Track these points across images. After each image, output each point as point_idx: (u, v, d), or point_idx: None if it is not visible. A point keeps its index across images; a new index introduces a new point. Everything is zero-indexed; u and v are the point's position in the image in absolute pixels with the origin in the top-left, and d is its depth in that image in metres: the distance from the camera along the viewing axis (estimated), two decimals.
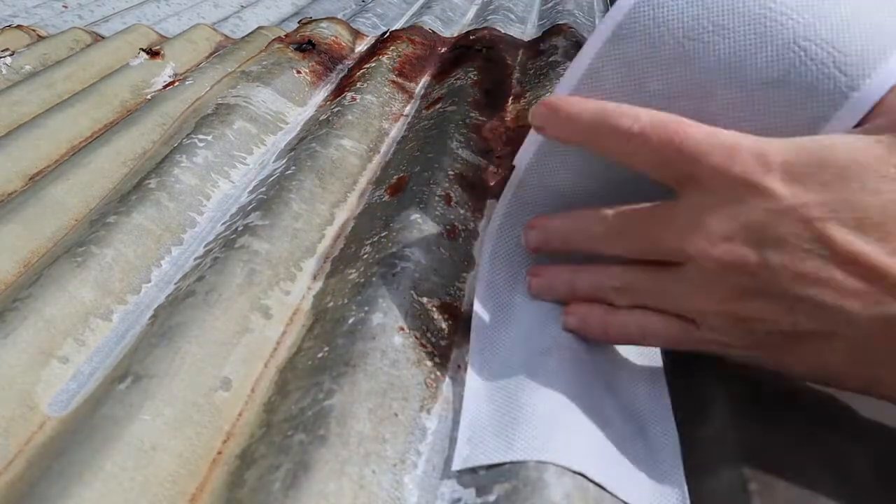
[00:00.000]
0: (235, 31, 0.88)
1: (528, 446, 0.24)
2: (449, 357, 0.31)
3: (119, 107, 0.59)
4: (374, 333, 0.30)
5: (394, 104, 0.56)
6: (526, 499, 0.22)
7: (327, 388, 0.27)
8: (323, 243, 0.40)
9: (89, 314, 0.34)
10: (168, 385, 0.28)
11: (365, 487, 0.24)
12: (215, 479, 0.26)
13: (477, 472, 0.24)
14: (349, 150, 0.48)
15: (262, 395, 0.30)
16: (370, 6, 0.95)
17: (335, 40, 0.67)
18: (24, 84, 0.61)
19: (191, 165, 0.45)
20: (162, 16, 0.97)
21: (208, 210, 0.43)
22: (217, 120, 0.50)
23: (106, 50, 0.70)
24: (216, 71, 0.61)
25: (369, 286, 0.33)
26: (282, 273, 0.36)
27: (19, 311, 0.33)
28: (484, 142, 0.47)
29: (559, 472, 0.23)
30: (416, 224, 0.37)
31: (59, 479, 0.25)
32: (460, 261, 0.36)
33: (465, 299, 0.34)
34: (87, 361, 0.32)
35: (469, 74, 0.56)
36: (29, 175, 0.49)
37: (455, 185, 0.41)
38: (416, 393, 0.28)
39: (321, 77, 0.61)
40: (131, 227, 0.39)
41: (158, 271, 0.38)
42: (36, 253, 0.40)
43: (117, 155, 0.49)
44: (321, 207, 0.42)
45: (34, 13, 0.96)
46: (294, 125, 0.54)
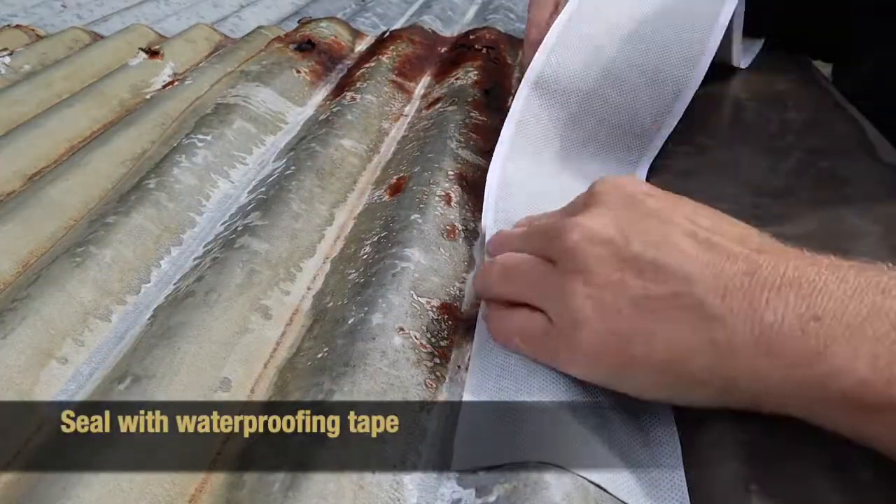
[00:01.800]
0: (235, 31, 0.88)
1: (528, 447, 0.24)
2: (449, 357, 0.31)
3: (118, 106, 0.59)
4: (374, 334, 0.30)
5: (394, 104, 0.56)
6: (526, 499, 0.22)
7: (327, 388, 0.27)
8: (323, 243, 0.40)
9: (88, 314, 0.34)
10: (167, 385, 0.28)
11: (365, 488, 0.24)
12: (215, 480, 0.26)
13: (477, 473, 0.24)
14: (349, 150, 0.48)
15: (261, 396, 0.30)
16: (370, 6, 0.95)
17: (335, 40, 0.67)
18: (23, 84, 0.61)
19: (190, 165, 0.45)
20: (161, 15, 0.97)
21: (208, 210, 0.43)
22: (216, 120, 0.50)
23: (105, 49, 0.70)
24: (215, 71, 0.61)
25: (369, 286, 0.33)
26: (281, 273, 0.36)
27: (18, 311, 0.33)
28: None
29: (559, 472, 0.23)
30: (416, 224, 0.37)
31: (59, 480, 0.24)
32: (460, 261, 0.36)
33: (465, 299, 0.34)
34: (86, 362, 0.32)
35: (469, 74, 0.56)
36: (28, 175, 0.49)
37: (455, 185, 0.41)
38: (415, 393, 0.28)
39: (321, 77, 0.61)
40: (130, 227, 0.39)
41: (158, 271, 0.38)
42: (35, 253, 0.40)
43: (116, 155, 0.49)
44: (321, 207, 0.42)
45: (33, 12, 0.96)
46: (294, 125, 0.54)
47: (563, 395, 0.26)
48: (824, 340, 0.20)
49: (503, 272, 0.30)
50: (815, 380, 0.20)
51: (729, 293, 0.22)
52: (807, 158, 0.39)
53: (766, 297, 0.21)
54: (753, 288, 0.22)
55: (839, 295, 0.21)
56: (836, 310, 0.20)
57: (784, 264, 0.22)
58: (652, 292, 0.23)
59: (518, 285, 0.29)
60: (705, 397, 0.24)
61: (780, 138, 0.43)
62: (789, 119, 0.46)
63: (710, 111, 0.47)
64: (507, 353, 0.29)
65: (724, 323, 0.22)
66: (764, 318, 0.21)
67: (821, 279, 0.21)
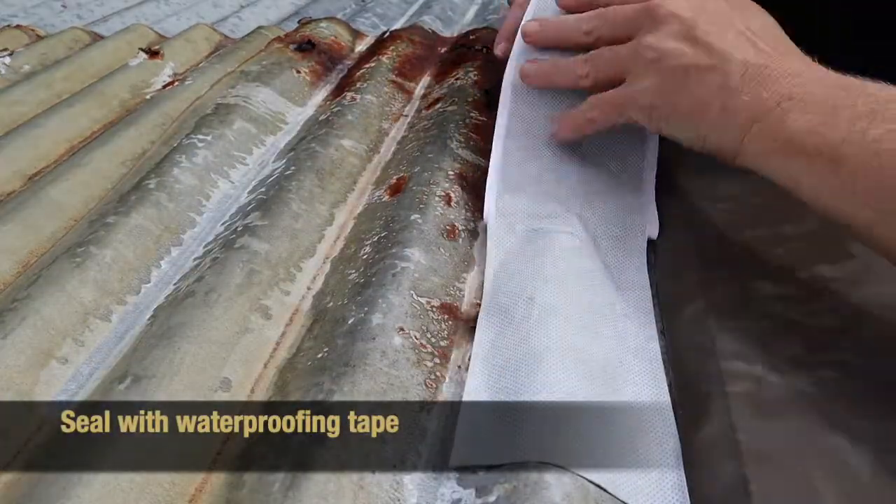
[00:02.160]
0: (235, 31, 0.88)
1: (528, 447, 0.24)
2: (449, 357, 0.31)
3: (118, 107, 0.59)
4: (374, 334, 0.30)
5: (394, 104, 0.56)
6: (526, 499, 0.22)
7: (327, 388, 0.27)
8: (323, 244, 0.40)
9: (88, 314, 0.34)
10: (167, 385, 0.28)
11: (365, 488, 0.24)
12: (215, 480, 0.26)
13: (477, 473, 0.24)
14: (349, 150, 0.48)
15: (261, 396, 0.30)
16: (370, 6, 0.95)
17: (335, 40, 0.67)
18: (23, 84, 0.61)
19: (190, 165, 0.45)
20: (161, 15, 0.97)
21: (208, 210, 0.43)
22: (216, 120, 0.50)
23: (105, 50, 0.70)
24: (215, 71, 0.61)
25: (369, 286, 0.33)
26: (281, 273, 0.36)
27: (18, 311, 0.33)
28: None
29: (559, 472, 0.23)
30: (416, 224, 0.37)
31: (59, 480, 0.24)
32: (460, 261, 0.36)
33: (464, 299, 0.34)
34: (86, 362, 0.32)
35: (469, 74, 0.56)
36: (28, 175, 0.49)
37: (455, 185, 0.41)
38: (415, 393, 0.28)
39: (321, 77, 0.61)
40: (130, 227, 0.39)
41: (158, 272, 0.38)
42: (35, 253, 0.40)
43: (116, 155, 0.49)
44: (321, 208, 0.42)
45: (33, 13, 0.96)
46: (294, 125, 0.54)
47: (563, 395, 0.26)
48: (790, 110, 0.29)
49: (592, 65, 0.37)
50: (777, 134, 0.29)
51: (748, 76, 0.30)
52: None
53: (768, 83, 0.30)
54: (763, 75, 0.30)
55: (818, 93, 0.28)
56: (807, 98, 0.29)
57: (792, 65, 0.30)
58: (700, 62, 0.32)
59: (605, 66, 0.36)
60: (711, 141, 0.32)
61: None
62: None
63: None
64: (508, 354, 0.29)
65: (735, 93, 0.30)
66: (759, 95, 0.30)
67: (811, 86, 0.29)
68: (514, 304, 0.31)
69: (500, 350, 0.29)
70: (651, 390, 0.28)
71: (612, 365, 0.29)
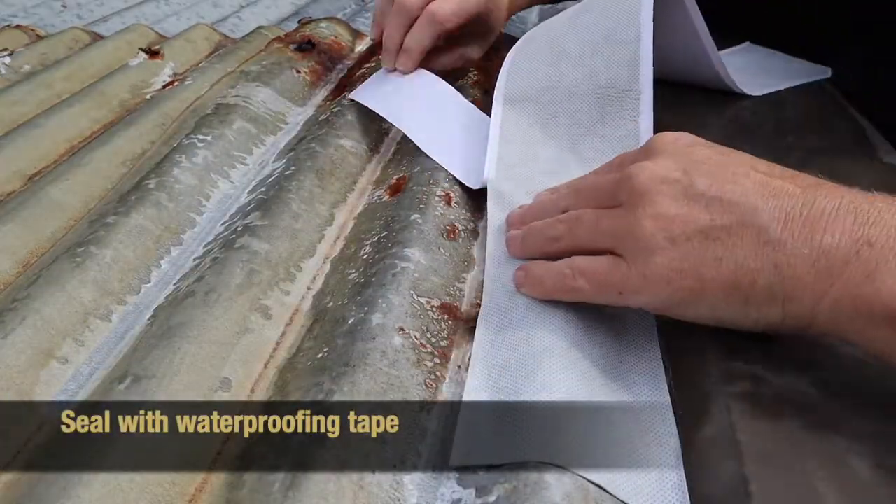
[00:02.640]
0: (235, 31, 0.88)
1: (528, 447, 0.24)
2: (449, 357, 0.31)
3: (118, 107, 0.59)
4: (374, 334, 0.30)
5: None
6: (526, 499, 0.22)
7: (327, 388, 0.27)
8: (323, 243, 0.40)
9: (88, 314, 0.34)
10: (167, 385, 0.28)
11: (365, 488, 0.24)
12: (215, 480, 0.26)
13: (477, 473, 0.24)
14: (349, 150, 0.48)
15: (261, 396, 0.30)
16: (370, 6, 0.95)
17: (335, 40, 0.66)
18: (23, 84, 0.61)
19: (190, 165, 0.45)
20: (161, 15, 0.97)
21: (208, 210, 0.43)
22: (216, 120, 0.50)
23: (105, 50, 0.69)
24: (215, 71, 0.61)
25: (369, 286, 0.33)
26: (281, 273, 0.36)
27: (18, 311, 0.33)
28: None
29: (559, 472, 0.23)
30: (416, 224, 0.37)
31: (59, 480, 0.24)
32: (460, 261, 0.36)
33: (464, 299, 0.34)
34: (86, 362, 0.32)
35: (469, 74, 0.56)
36: (28, 175, 0.49)
37: (455, 185, 0.41)
38: (415, 393, 0.28)
39: (321, 77, 0.61)
40: (130, 227, 0.39)
41: (158, 272, 0.38)
42: (35, 253, 0.40)
43: (116, 155, 0.49)
44: (321, 208, 0.42)
45: (33, 13, 0.96)
46: (294, 125, 0.54)
47: (563, 395, 0.26)
48: (875, 263, 0.22)
49: (567, 226, 0.31)
50: (863, 299, 0.23)
51: (790, 220, 0.24)
52: (806, 158, 0.39)
53: (824, 224, 0.24)
54: (812, 216, 0.24)
55: (891, 225, 0.23)
56: (887, 237, 0.23)
57: (840, 197, 0.24)
58: (718, 222, 0.25)
59: (585, 232, 0.30)
60: (767, 316, 0.25)
61: (779, 138, 0.43)
62: (788, 118, 0.46)
63: (710, 110, 0.47)
64: (508, 354, 0.29)
65: (784, 247, 0.24)
66: (822, 243, 0.23)
67: (874, 210, 0.24)
68: (514, 304, 0.31)
69: (500, 350, 0.29)
70: (651, 390, 0.28)
71: (612, 365, 0.29)
